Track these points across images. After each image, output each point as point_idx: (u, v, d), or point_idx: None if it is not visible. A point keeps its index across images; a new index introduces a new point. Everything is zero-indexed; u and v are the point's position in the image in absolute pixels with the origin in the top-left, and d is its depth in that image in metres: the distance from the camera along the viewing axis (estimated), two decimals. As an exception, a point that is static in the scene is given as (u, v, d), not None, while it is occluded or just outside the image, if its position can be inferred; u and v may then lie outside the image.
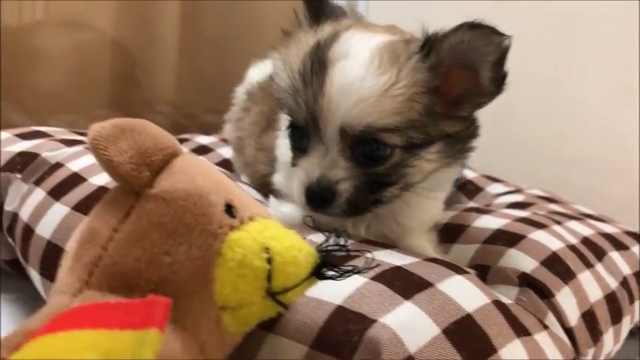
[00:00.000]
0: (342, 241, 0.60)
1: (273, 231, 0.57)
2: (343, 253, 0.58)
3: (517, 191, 1.25)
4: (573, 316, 0.78)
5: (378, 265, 0.65)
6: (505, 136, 1.52)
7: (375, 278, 0.64)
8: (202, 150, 1.39)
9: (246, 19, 1.84)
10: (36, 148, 1.01)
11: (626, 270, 0.96)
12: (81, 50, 1.55)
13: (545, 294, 0.78)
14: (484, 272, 0.82)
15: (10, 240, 0.95)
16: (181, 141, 1.43)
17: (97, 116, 1.55)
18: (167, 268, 0.54)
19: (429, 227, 0.91)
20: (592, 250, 0.93)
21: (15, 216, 0.93)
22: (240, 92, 1.22)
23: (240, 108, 1.18)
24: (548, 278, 0.80)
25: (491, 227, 0.90)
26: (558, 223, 0.98)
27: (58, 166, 0.96)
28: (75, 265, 0.55)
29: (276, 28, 1.91)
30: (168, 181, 0.56)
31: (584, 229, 1.00)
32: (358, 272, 0.57)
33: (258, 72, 1.18)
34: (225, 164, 1.29)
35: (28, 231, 0.87)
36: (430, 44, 0.75)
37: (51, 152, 1.00)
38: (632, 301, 0.92)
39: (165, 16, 1.69)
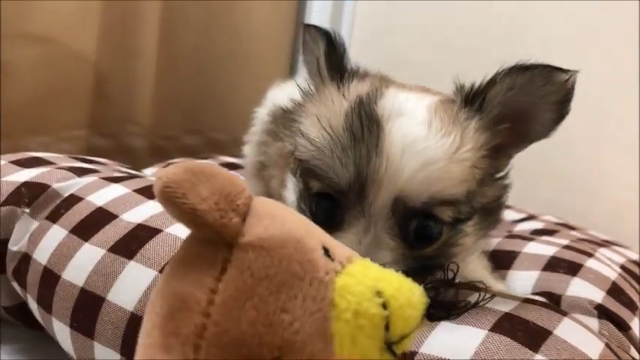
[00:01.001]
0: (449, 276, 0.55)
1: (376, 272, 0.51)
2: (452, 290, 0.52)
3: (532, 217, 1.26)
4: (647, 349, 0.78)
5: (492, 297, 0.59)
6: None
7: (493, 329, 0.60)
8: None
9: (226, 40, 1.78)
10: (43, 178, 0.89)
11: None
12: (55, 68, 1.42)
13: (622, 326, 0.77)
14: (554, 300, 0.79)
15: (15, 284, 0.83)
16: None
17: (73, 138, 1.47)
18: (288, 327, 0.45)
19: (479, 254, 0.85)
20: (634, 279, 0.94)
21: (25, 257, 0.80)
22: (262, 113, 1.14)
23: (263, 130, 1.11)
24: (620, 310, 0.79)
25: (545, 254, 0.89)
26: (595, 251, 0.99)
27: (75, 199, 0.84)
28: (171, 342, 0.45)
29: (256, 51, 1.88)
30: (260, 227, 0.48)
31: (617, 257, 1.02)
32: (472, 307, 0.51)
33: (282, 93, 1.11)
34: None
35: (51, 276, 0.75)
36: (480, 97, 0.68)
37: (61, 183, 0.88)
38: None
39: (142, 35, 1.60)
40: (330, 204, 0.67)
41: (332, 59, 0.74)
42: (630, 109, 1.53)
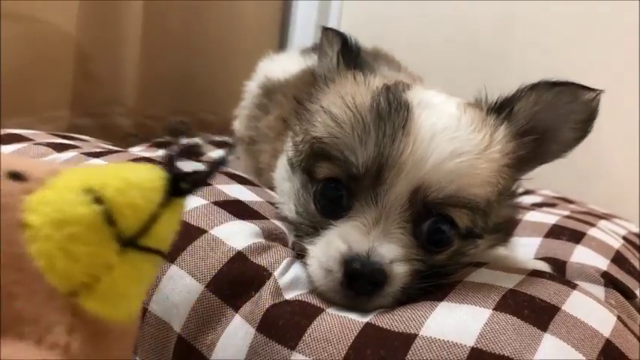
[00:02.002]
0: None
1: (90, 172, 0.41)
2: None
3: (529, 192, 1.22)
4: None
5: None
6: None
7: (498, 308, 0.56)
8: (190, 154, 1.25)
9: (214, 19, 1.73)
10: (21, 154, 0.84)
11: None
12: (37, 47, 1.36)
13: (628, 295, 0.74)
14: (559, 266, 0.77)
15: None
16: (163, 144, 1.30)
17: (54, 118, 1.41)
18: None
19: None
20: (637, 250, 0.91)
21: None
22: (252, 87, 1.10)
23: (254, 104, 1.06)
24: (625, 278, 0.76)
25: (547, 222, 0.87)
26: (596, 222, 0.96)
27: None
28: None
29: (244, 29, 1.83)
30: None
31: (618, 229, 0.99)
32: (213, 171, 0.41)
33: (274, 66, 1.07)
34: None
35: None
36: (507, 107, 0.66)
37: (40, 159, 0.83)
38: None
39: (127, 13, 1.54)
40: (337, 193, 0.62)
41: (347, 51, 0.72)
42: (629, 87, 1.50)
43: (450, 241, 0.62)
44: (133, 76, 1.58)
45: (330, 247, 0.60)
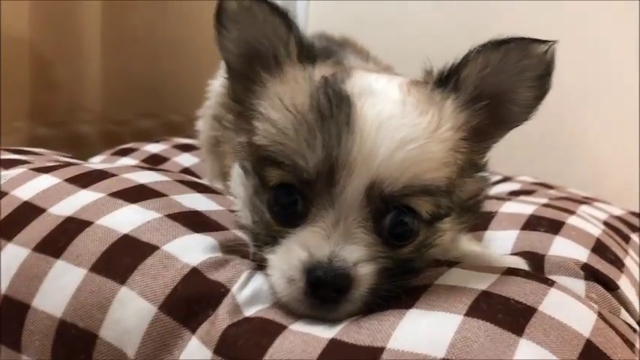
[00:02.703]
0: None
1: None
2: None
3: (508, 179, 1.20)
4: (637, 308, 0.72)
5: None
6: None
7: (470, 313, 0.52)
8: (155, 160, 1.20)
9: (176, 19, 1.69)
10: (-38, 175, 0.79)
11: (649, 252, 0.92)
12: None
13: (610, 286, 0.71)
14: (537, 260, 0.73)
15: None
16: (127, 151, 1.25)
17: (15, 130, 1.35)
18: None
19: None
20: (618, 235, 0.89)
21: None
22: (216, 85, 1.05)
23: (218, 103, 1.02)
24: (606, 268, 0.73)
25: (524, 212, 0.83)
26: (576, 208, 0.93)
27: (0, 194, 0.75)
28: None
29: (210, 28, 1.78)
30: None
31: (599, 213, 0.97)
32: None
33: None
34: (186, 174, 1.13)
35: (-30, 284, 0.66)
36: (453, 77, 0.62)
37: (-15, 177, 0.78)
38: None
39: (84, 14, 1.48)
40: (291, 199, 0.59)
41: (301, 42, 0.65)
42: (606, 69, 1.48)
43: (414, 232, 0.59)
44: (96, 80, 1.53)
45: (290, 255, 0.57)
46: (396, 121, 0.56)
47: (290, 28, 0.64)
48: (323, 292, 0.54)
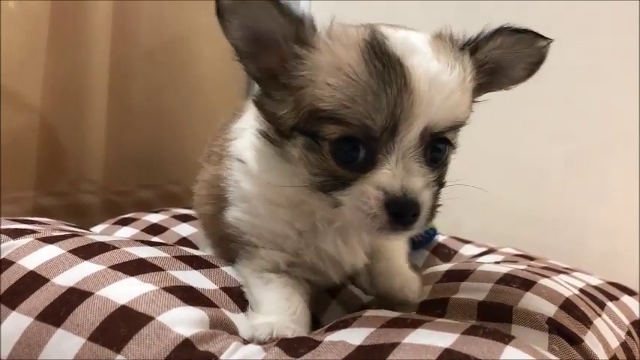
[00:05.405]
0: None
1: None
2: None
3: (491, 251, 1.24)
4: (605, 362, 0.76)
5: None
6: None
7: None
8: (155, 229, 1.25)
9: (177, 93, 1.77)
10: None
11: (625, 320, 0.96)
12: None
13: (574, 340, 0.75)
14: (505, 312, 0.78)
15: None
16: (127, 220, 1.30)
17: (20, 199, 1.41)
18: None
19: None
20: (593, 301, 0.92)
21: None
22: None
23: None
24: (571, 323, 0.77)
25: (500, 271, 0.89)
26: (553, 276, 0.97)
27: (6, 263, 0.80)
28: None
29: (209, 102, 1.84)
30: None
31: (576, 282, 1.00)
32: None
33: None
34: (184, 243, 1.17)
35: (-25, 352, 0.70)
36: (476, 44, 0.76)
37: (-6, 248, 0.83)
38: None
39: (92, 88, 1.57)
40: (353, 147, 0.69)
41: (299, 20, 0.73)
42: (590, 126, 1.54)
43: (445, 155, 0.75)
44: (99, 152, 1.59)
45: (367, 195, 0.69)
46: (441, 77, 0.69)
47: (283, 12, 0.71)
48: (403, 220, 0.69)
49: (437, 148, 0.73)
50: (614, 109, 1.51)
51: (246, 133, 0.84)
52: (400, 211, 0.68)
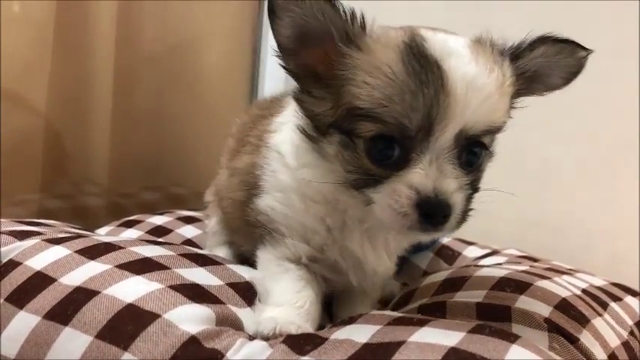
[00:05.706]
0: None
1: None
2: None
3: (494, 253, 1.24)
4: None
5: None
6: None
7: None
8: (159, 231, 1.26)
9: (182, 96, 1.78)
10: (-21, 245, 0.85)
11: (629, 320, 0.96)
12: (6, 130, 1.38)
13: (571, 339, 0.75)
14: (504, 311, 0.79)
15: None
16: (132, 222, 1.31)
17: (25, 202, 1.42)
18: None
19: None
20: (595, 301, 0.93)
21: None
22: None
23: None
24: (566, 323, 0.78)
25: (496, 275, 0.89)
26: (553, 277, 0.97)
27: (13, 264, 0.80)
28: None
29: (213, 105, 1.86)
30: None
31: (579, 282, 1.01)
32: None
33: None
34: (188, 245, 1.18)
35: (-17, 350, 0.71)
36: (518, 51, 0.77)
37: (1, 248, 0.84)
38: (643, 350, 0.91)
39: (96, 92, 1.58)
40: (390, 146, 0.70)
41: (353, 18, 0.74)
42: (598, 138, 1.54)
43: (480, 159, 0.74)
44: (104, 155, 1.60)
45: (398, 194, 0.69)
46: (479, 81, 0.69)
47: (337, 11, 0.72)
48: (434, 220, 0.69)
49: (472, 151, 0.72)
50: (619, 115, 1.51)
51: (285, 127, 0.86)
52: (431, 212, 0.68)
